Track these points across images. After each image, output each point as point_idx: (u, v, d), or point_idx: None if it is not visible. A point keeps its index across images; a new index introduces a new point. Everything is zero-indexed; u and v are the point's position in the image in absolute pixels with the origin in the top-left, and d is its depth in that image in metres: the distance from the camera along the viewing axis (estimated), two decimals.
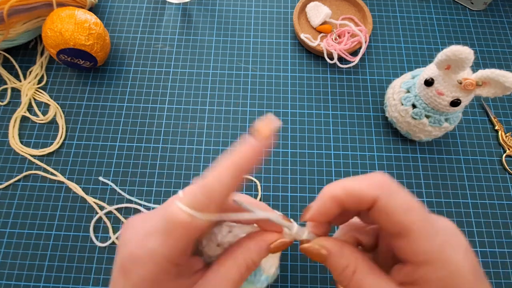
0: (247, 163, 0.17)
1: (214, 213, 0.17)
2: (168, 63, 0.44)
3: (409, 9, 0.48)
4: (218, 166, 0.17)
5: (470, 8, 0.48)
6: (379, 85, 0.43)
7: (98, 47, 0.39)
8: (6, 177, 0.37)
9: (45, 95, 0.41)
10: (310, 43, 0.43)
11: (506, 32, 0.46)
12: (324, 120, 0.41)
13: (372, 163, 0.39)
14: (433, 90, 0.33)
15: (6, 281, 0.34)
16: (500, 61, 0.45)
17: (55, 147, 0.39)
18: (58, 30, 0.37)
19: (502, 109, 0.42)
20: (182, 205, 0.16)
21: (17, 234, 0.35)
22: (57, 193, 0.37)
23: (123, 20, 0.46)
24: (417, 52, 0.45)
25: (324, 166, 0.39)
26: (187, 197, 0.16)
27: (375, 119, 0.41)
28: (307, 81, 0.43)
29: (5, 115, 0.40)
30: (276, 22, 0.47)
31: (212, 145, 0.39)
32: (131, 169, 0.38)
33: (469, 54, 0.28)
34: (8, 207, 0.36)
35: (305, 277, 0.34)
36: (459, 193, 0.38)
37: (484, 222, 0.37)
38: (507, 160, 0.39)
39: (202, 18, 0.47)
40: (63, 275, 0.34)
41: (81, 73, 0.43)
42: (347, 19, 0.45)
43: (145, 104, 0.41)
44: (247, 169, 0.17)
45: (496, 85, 0.29)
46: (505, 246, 0.36)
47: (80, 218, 0.36)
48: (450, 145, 0.40)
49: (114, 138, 0.40)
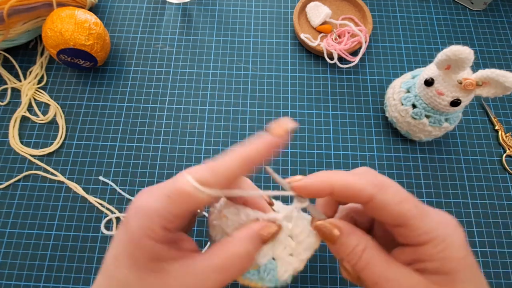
0: (256, 155, 0.18)
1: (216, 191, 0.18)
2: (168, 63, 0.44)
3: (409, 9, 0.48)
4: (229, 153, 0.19)
5: (470, 8, 0.48)
6: (379, 85, 0.43)
7: (98, 47, 0.39)
8: (6, 177, 0.37)
9: (45, 95, 0.41)
10: (310, 43, 0.43)
11: (506, 32, 0.46)
12: (324, 120, 0.41)
13: (372, 163, 0.39)
14: (433, 90, 0.33)
15: (6, 281, 0.34)
16: (500, 61, 0.45)
17: (55, 147, 0.39)
18: (58, 30, 0.37)
19: (502, 109, 0.42)
20: (190, 178, 0.18)
21: (17, 234, 0.35)
22: (57, 193, 0.37)
23: (123, 20, 0.46)
24: (417, 52, 0.45)
25: (324, 166, 0.39)
26: (195, 173, 0.18)
27: (375, 119, 0.41)
28: (307, 81, 0.43)
29: (5, 115, 0.40)
30: (276, 22, 0.47)
31: (212, 145, 0.39)
32: (131, 169, 0.38)
33: (469, 54, 0.28)
34: (8, 207, 0.36)
35: (305, 277, 0.34)
36: (459, 193, 0.38)
37: (484, 222, 0.37)
38: (507, 160, 0.39)
39: (202, 18, 0.47)
40: (63, 275, 0.34)
41: (81, 73, 0.43)
42: (347, 19, 0.45)
43: (145, 104, 0.41)
44: (256, 160, 0.19)
45: (496, 85, 0.29)
46: (505, 246, 0.36)
47: (80, 218, 0.36)
48: (450, 145, 0.40)
49: (114, 138, 0.40)
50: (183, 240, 0.20)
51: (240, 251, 0.19)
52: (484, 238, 0.36)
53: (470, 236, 0.36)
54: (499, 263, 0.35)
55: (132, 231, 0.17)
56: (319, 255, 0.35)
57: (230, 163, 0.18)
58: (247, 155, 0.18)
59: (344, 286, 0.34)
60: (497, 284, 0.34)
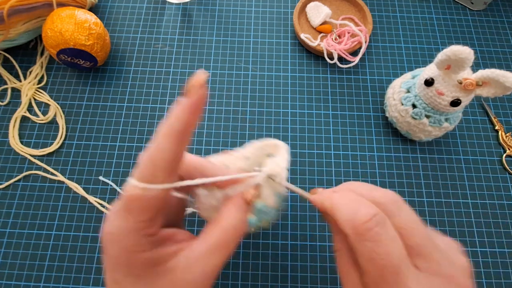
0: (184, 123, 0.17)
1: (166, 180, 0.17)
2: (168, 63, 0.44)
3: (409, 9, 0.48)
4: (157, 135, 0.17)
5: (470, 8, 0.48)
6: (379, 85, 0.43)
7: (98, 47, 0.39)
8: (6, 177, 0.37)
9: (45, 95, 0.41)
10: (310, 43, 0.43)
11: (506, 32, 0.46)
12: (324, 120, 0.41)
13: (372, 163, 0.39)
14: (433, 90, 0.33)
15: (6, 281, 0.34)
16: (500, 61, 0.45)
17: (55, 147, 0.39)
18: (58, 30, 0.37)
19: (502, 109, 0.42)
20: (132, 180, 0.17)
21: (17, 234, 0.35)
22: (57, 193, 0.37)
23: (123, 20, 0.46)
24: (417, 52, 0.45)
25: (324, 166, 0.39)
26: (138, 173, 0.17)
27: (375, 119, 0.41)
28: (307, 81, 0.43)
29: (5, 115, 0.40)
30: (276, 22, 0.47)
31: (212, 145, 0.39)
32: (131, 169, 0.38)
33: (469, 54, 0.28)
34: (8, 207, 0.36)
35: (305, 277, 0.34)
36: (459, 193, 0.38)
37: (484, 222, 0.37)
38: (507, 160, 0.39)
39: (202, 18, 0.47)
40: (63, 275, 0.34)
41: (81, 73, 0.43)
42: (347, 19, 0.45)
43: (145, 104, 0.41)
44: (186, 130, 0.17)
45: (496, 85, 0.29)
46: (505, 246, 0.36)
47: (80, 218, 0.36)
48: (450, 145, 0.40)
49: (114, 138, 0.40)
50: (176, 233, 0.20)
51: (233, 222, 0.19)
52: (484, 238, 0.36)
53: (470, 236, 0.36)
54: (499, 263, 0.35)
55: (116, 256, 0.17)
56: (319, 255, 0.35)
57: (162, 145, 0.17)
58: (174, 129, 0.17)
59: None
60: (497, 284, 0.34)
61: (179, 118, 0.17)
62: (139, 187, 0.17)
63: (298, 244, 0.35)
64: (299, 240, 0.35)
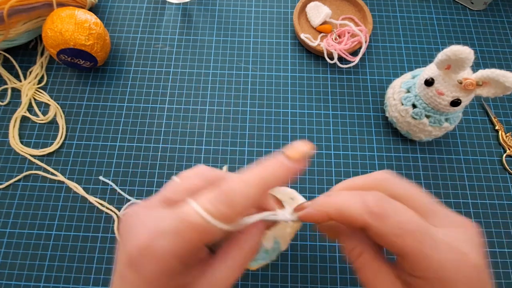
0: (277, 182, 0.17)
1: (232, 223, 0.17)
2: (168, 63, 0.44)
3: (409, 9, 0.48)
4: (245, 177, 0.17)
5: (470, 8, 0.48)
6: (379, 85, 0.43)
7: (98, 47, 0.39)
8: (6, 177, 0.37)
9: (45, 95, 0.41)
10: (310, 43, 0.43)
11: (506, 32, 0.46)
12: (324, 120, 0.41)
13: (372, 163, 0.39)
14: (433, 90, 0.33)
15: (6, 281, 0.34)
16: (500, 61, 0.45)
17: (55, 147, 0.39)
18: (58, 30, 0.37)
19: (502, 109, 0.42)
20: (200, 209, 0.16)
21: (17, 234, 0.35)
22: (57, 193, 0.37)
23: (123, 20, 0.46)
24: (417, 52, 0.45)
25: (324, 166, 0.39)
26: (206, 203, 0.16)
27: (375, 119, 0.41)
28: (307, 81, 0.43)
29: (5, 115, 0.40)
30: (276, 22, 0.47)
31: (212, 145, 0.39)
32: (131, 169, 0.38)
33: (469, 54, 0.28)
34: (8, 207, 0.36)
35: (305, 277, 0.34)
36: (459, 193, 0.38)
37: (484, 222, 0.37)
38: (507, 160, 0.39)
39: (202, 18, 0.47)
40: (63, 275, 0.34)
41: (81, 73, 0.43)
42: (347, 19, 0.45)
43: (145, 104, 0.41)
44: (273, 186, 0.17)
45: (496, 85, 0.29)
46: (505, 246, 0.36)
47: (80, 218, 0.36)
48: (450, 145, 0.40)
49: (114, 138, 0.40)
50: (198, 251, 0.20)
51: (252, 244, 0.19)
52: (484, 238, 0.36)
53: None
54: (499, 263, 0.35)
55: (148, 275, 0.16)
56: (319, 255, 0.35)
57: (248, 193, 0.16)
58: (266, 183, 0.17)
59: (344, 286, 0.34)
60: (497, 284, 0.34)
61: (276, 176, 0.17)
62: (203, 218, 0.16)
63: (298, 244, 0.35)
64: (299, 240, 0.35)
